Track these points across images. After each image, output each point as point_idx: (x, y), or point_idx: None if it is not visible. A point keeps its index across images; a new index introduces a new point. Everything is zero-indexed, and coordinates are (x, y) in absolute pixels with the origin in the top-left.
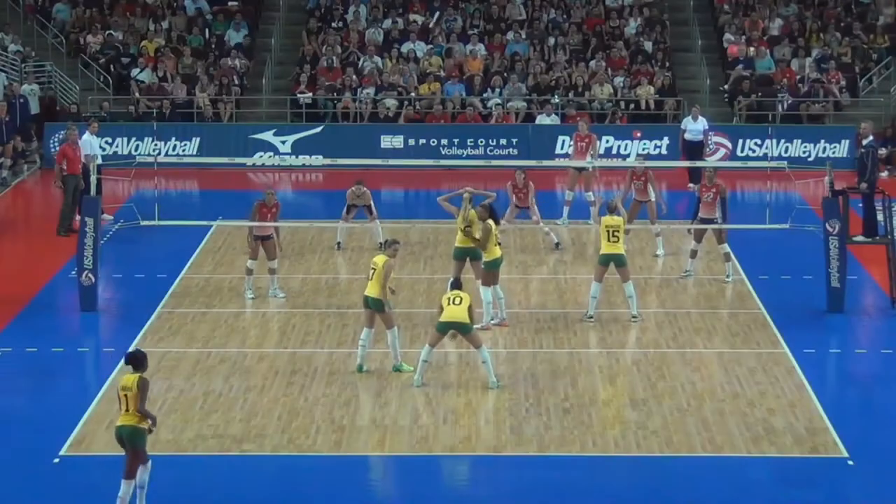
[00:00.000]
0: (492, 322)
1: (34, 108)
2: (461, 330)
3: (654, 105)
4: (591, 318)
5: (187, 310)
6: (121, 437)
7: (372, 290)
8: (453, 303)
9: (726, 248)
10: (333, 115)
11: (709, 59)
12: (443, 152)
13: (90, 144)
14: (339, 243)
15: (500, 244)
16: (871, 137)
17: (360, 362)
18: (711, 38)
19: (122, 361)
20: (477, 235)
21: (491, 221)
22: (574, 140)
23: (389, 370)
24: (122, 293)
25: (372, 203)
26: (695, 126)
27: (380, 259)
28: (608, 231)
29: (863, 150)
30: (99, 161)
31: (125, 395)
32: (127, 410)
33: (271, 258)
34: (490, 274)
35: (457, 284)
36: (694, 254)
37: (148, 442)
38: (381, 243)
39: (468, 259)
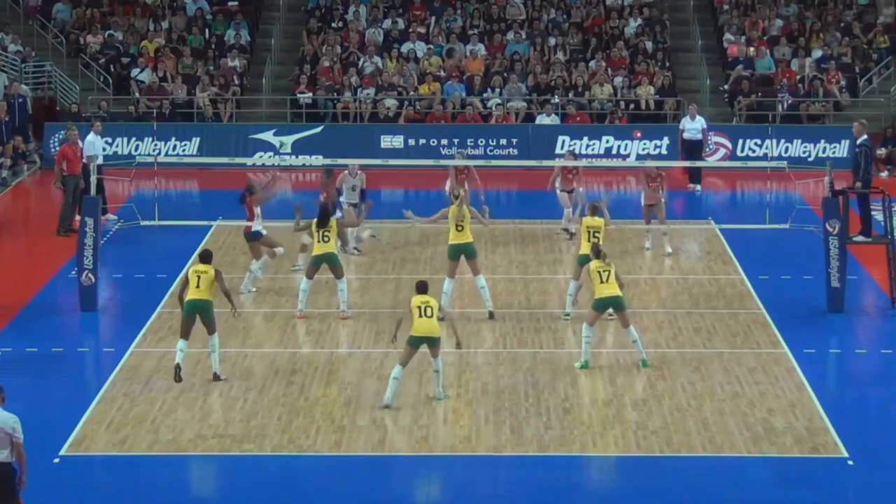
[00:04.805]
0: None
1: (28, 107)
2: (431, 344)
3: (654, 105)
4: (569, 316)
5: None
6: (193, 309)
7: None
8: (424, 314)
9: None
10: (333, 115)
11: (709, 59)
12: (443, 152)
13: (93, 145)
14: (357, 249)
15: (323, 241)
16: (865, 136)
17: (587, 358)
18: (711, 38)
19: (197, 258)
20: (469, 233)
21: (314, 222)
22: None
23: (389, 369)
24: (122, 293)
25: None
26: (693, 125)
27: None
28: (589, 231)
29: (857, 150)
30: (99, 161)
31: (198, 276)
32: (198, 287)
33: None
34: (311, 268)
35: (423, 287)
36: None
37: (147, 442)
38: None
39: (463, 256)
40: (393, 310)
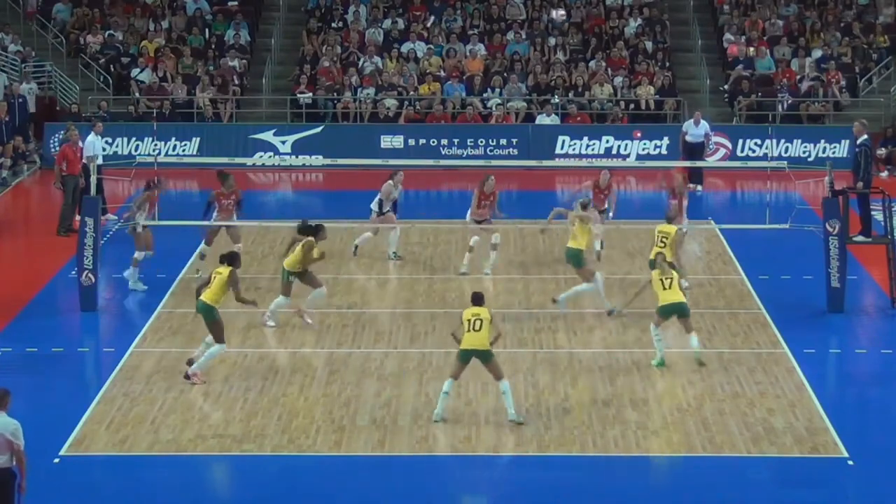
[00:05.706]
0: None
1: (31, 107)
2: (482, 358)
3: (654, 105)
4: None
5: (187, 310)
6: (197, 309)
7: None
8: (473, 328)
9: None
10: (333, 115)
11: (709, 59)
12: (443, 152)
13: (93, 145)
14: (356, 247)
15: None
16: (865, 136)
17: (662, 356)
18: (711, 38)
19: (220, 261)
20: (581, 240)
21: (311, 238)
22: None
23: (389, 369)
24: (122, 293)
25: None
26: (696, 131)
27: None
28: (658, 236)
29: (857, 150)
30: (99, 161)
31: (215, 277)
32: (209, 287)
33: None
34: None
35: (477, 298)
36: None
37: (147, 442)
38: (394, 253)
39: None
40: (392, 310)
